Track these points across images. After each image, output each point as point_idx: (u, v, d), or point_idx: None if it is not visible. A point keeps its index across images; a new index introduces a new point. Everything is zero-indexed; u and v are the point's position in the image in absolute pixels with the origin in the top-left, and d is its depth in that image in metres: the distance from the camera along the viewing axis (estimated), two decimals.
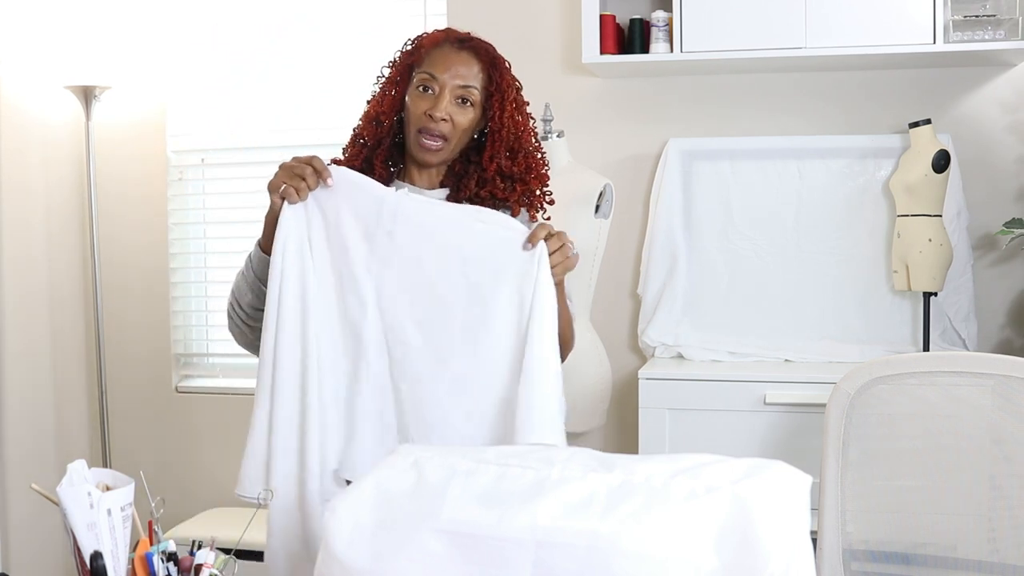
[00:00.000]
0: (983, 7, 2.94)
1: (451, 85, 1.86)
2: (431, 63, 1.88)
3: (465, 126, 1.88)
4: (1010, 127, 3.13)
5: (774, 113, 3.28)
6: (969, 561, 1.79)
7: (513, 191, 1.91)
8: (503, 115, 1.89)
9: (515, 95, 1.92)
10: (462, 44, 1.91)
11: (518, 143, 1.91)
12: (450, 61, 1.88)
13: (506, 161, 1.91)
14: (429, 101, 1.86)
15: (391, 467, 1.19)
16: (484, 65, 1.89)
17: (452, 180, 1.94)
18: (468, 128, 1.89)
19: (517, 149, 1.92)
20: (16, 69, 3.42)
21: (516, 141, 1.91)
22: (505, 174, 1.91)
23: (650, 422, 2.89)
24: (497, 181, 1.90)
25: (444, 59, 1.88)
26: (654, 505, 1.07)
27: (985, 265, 3.18)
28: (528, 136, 1.94)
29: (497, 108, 1.89)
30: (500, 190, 1.90)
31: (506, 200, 1.90)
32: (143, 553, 1.34)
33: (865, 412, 1.80)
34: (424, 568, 1.09)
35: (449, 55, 1.88)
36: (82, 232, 3.71)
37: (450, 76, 1.86)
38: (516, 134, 1.91)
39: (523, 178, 1.91)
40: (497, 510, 1.09)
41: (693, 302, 3.29)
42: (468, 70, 1.88)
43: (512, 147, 1.91)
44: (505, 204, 1.91)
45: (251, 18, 3.64)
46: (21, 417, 3.43)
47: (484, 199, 1.90)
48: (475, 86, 1.88)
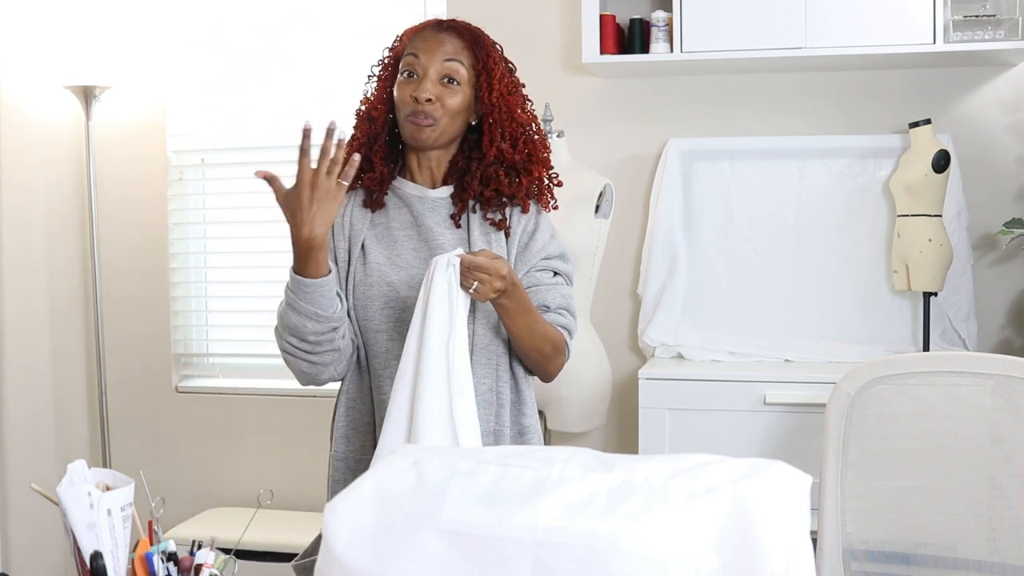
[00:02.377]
0: (983, 7, 2.94)
1: (435, 65, 1.81)
2: (413, 46, 1.85)
3: (454, 107, 1.82)
4: (1010, 127, 3.13)
5: (774, 113, 3.28)
6: (969, 561, 1.79)
7: (519, 185, 1.86)
8: (492, 95, 1.83)
9: (504, 73, 1.86)
10: (442, 26, 1.87)
11: (515, 126, 1.86)
12: (431, 41, 1.84)
13: (507, 147, 1.85)
14: (413, 85, 1.82)
15: (391, 467, 1.19)
16: (467, 43, 1.85)
17: (455, 177, 1.88)
18: (459, 109, 1.83)
19: (518, 134, 1.86)
20: (16, 69, 3.42)
21: (511, 123, 1.85)
22: (508, 163, 1.85)
23: (650, 422, 2.89)
24: (500, 175, 1.84)
25: (424, 39, 1.84)
26: (654, 505, 1.07)
27: (985, 265, 3.18)
28: (526, 118, 1.88)
29: (486, 88, 1.83)
30: (505, 185, 1.85)
31: (514, 196, 1.87)
32: (143, 553, 1.34)
33: (865, 412, 1.80)
34: (424, 568, 1.09)
35: (430, 38, 1.85)
36: (82, 232, 3.71)
37: (431, 56, 1.82)
38: (510, 115, 1.85)
39: (526, 167, 1.86)
40: (497, 510, 1.09)
41: (693, 302, 3.29)
42: (451, 47, 1.83)
43: (511, 132, 1.85)
44: (514, 200, 1.87)
45: (251, 18, 3.64)
46: (21, 417, 3.43)
47: (491, 199, 1.86)
48: (461, 62, 1.83)
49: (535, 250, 1.88)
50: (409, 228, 1.89)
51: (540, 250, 1.89)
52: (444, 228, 1.88)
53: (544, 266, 1.89)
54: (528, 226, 1.89)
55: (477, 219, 1.87)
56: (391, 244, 1.88)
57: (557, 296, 1.88)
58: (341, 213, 1.90)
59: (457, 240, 1.87)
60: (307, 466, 3.44)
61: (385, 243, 1.88)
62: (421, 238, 1.88)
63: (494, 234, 1.87)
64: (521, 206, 1.88)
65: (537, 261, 1.88)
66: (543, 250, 1.89)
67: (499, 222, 1.87)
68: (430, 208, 1.89)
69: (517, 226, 1.89)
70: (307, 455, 3.47)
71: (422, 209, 1.89)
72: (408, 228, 1.89)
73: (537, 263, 1.88)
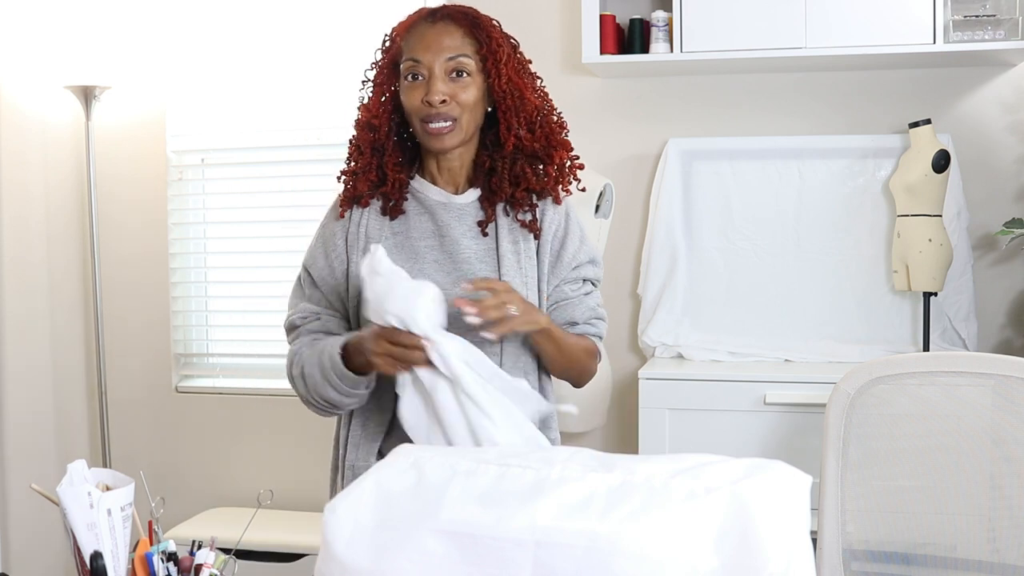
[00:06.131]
0: (983, 7, 2.94)
1: (439, 62, 1.69)
2: (410, 48, 1.72)
3: (470, 101, 1.71)
4: (1010, 127, 3.13)
5: (774, 113, 3.28)
6: (969, 561, 1.79)
7: (547, 176, 1.76)
8: (501, 80, 1.72)
9: (510, 53, 1.75)
10: (435, 17, 1.73)
11: (529, 109, 1.74)
12: (428, 38, 1.71)
13: (525, 134, 1.74)
14: (421, 88, 1.70)
15: (391, 467, 1.19)
16: (467, 29, 1.72)
17: (481, 178, 1.78)
18: (475, 102, 1.72)
19: (533, 119, 1.75)
20: (16, 69, 3.42)
21: (524, 106, 1.73)
22: (528, 151, 1.75)
23: (650, 422, 2.89)
24: (527, 172, 1.74)
25: (421, 38, 1.72)
26: (654, 505, 1.07)
27: (985, 265, 3.17)
28: (538, 100, 1.76)
29: (494, 73, 1.72)
30: (533, 181, 1.75)
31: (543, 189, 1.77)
32: (143, 553, 1.34)
33: (865, 412, 1.80)
34: (424, 568, 1.09)
35: (425, 32, 1.72)
36: (82, 232, 3.71)
37: (433, 54, 1.70)
38: (522, 98, 1.73)
39: (547, 153, 1.75)
40: (497, 510, 1.09)
41: (693, 302, 3.29)
42: (451, 40, 1.71)
43: (526, 116, 1.74)
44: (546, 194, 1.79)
45: (251, 18, 3.64)
46: (21, 417, 3.43)
47: (521, 200, 1.75)
48: (466, 53, 1.71)
49: (566, 260, 1.80)
50: (431, 238, 1.77)
51: (571, 260, 1.80)
52: (470, 239, 1.76)
53: (574, 277, 1.81)
54: (559, 230, 1.80)
55: (506, 225, 1.77)
56: (412, 256, 1.76)
57: (585, 310, 1.81)
58: (356, 222, 1.79)
59: (484, 251, 1.76)
60: (307, 466, 3.44)
61: (405, 254, 1.76)
62: (444, 250, 1.76)
63: (523, 242, 1.77)
64: (552, 196, 1.79)
65: (567, 273, 1.80)
66: (573, 259, 1.80)
67: (530, 223, 1.77)
68: (455, 216, 1.77)
69: (548, 228, 1.79)
70: (307, 455, 3.47)
71: (447, 218, 1.77)
72: (430, 238, 1.77)
73: (567, 275, 1.80)
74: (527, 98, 1.74)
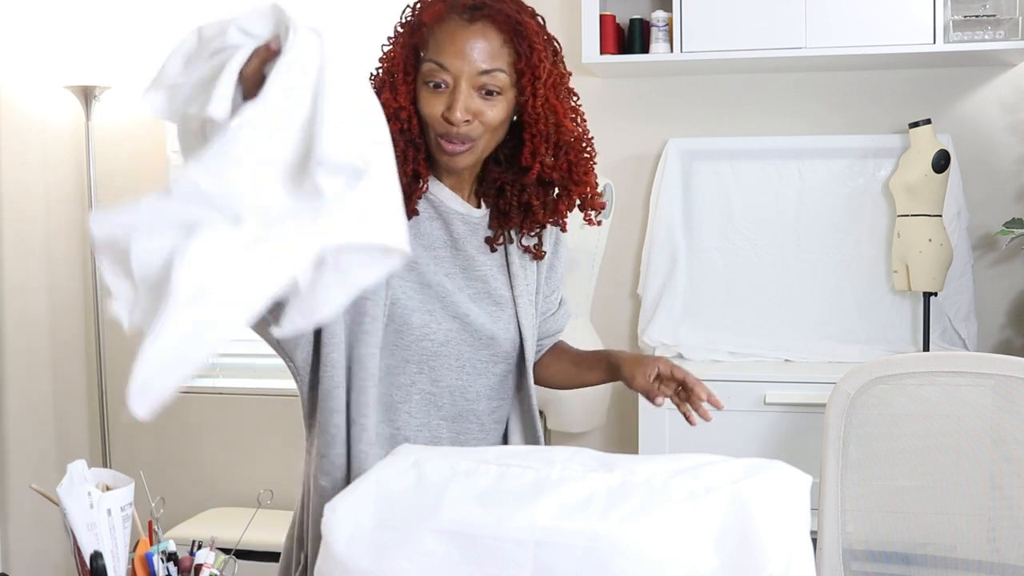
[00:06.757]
0: (983, 7, 2.94)
1: (467, 74, 1.45)
2: (438, 47, 1.47)
3: (496, 121, 1.48)
4: (1010, 127, 3.13)
5: (774, 113, 3.28)
6: (969, 561, 1.79)
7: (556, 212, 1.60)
8: (536, 100, 1.49)
9: (550, 68, 1.50)
10: (473, 14, 1.46)
11: (562, 136, 1.53)
12: (461, 42, 1.45)
13: (549, 159, 1.54)
14: (443, 99, 1.46)
15: (391, 467, 1.19)
16: (507, 37, 1.47)
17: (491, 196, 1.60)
18: (501, 122, 1.50)
19: (560, 144, 1.54)
20: (16, 69, 3.42)
21: (557, 132, 1.52)
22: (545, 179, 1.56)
23: (650, 422, 2.88)
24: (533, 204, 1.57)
25: (452, 40, 1.46)
26: (654, 505, 1.07)
27: (985, 265, 3.18)
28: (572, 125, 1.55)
29: (529, 91, 1.49)
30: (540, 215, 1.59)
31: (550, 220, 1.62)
32: (143, 553, 1.34)
33: (865, 412, 1.80)
34: (424, 568, 1.09)
35: (458, 33, 1.46)
36: (82, 232, 3.71)
37: (464, 63, 1.45)
38: (557, 123, 1.52)
39: (564, 184, 1.56)
40: (497, 510, 1.09)
41: (693, 302, 3.29)
42: (486, 49, 1.46)
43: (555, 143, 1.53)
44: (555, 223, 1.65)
45: None
46: (21, 417, 3.43)
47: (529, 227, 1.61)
48: (500, 68, 1.47)
49: (559, 271, 1.75)
50: (443, 248, 1.58)
51: (561, 272, 1.74)
52: (482, 253, 1.61)
53: (557, 285, 1.76)
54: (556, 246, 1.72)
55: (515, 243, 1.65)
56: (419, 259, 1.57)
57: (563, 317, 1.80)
58: None
59: (497, 267, 1.63)
60: None
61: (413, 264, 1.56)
62: (457, 262, 1.59)
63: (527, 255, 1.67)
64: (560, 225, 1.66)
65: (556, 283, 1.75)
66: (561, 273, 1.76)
67: (535, 247, 1.65)
68: (471, 229, 1.60)
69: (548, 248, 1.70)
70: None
71: (464, 231, 1.59)
72: (442, 248, 1.58)
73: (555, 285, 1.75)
74: (563, 125, 1.53)
